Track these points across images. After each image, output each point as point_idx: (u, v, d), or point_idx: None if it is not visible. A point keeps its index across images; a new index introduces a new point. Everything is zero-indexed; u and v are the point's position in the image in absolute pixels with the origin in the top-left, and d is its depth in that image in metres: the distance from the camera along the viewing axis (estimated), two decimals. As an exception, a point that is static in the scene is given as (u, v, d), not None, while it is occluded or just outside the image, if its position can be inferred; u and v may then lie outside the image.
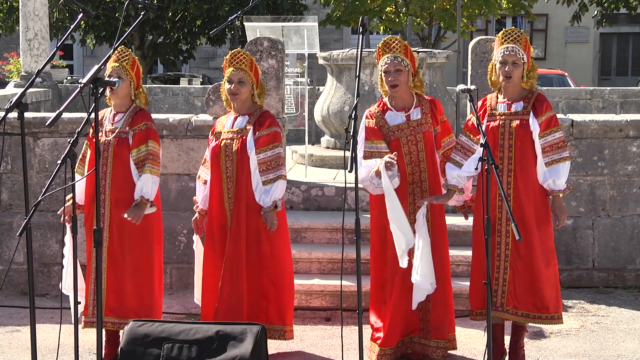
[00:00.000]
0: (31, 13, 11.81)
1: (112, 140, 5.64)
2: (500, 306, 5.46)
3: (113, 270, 5.67)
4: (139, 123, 5.66)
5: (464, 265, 6.95)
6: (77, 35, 22.73)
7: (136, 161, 5.62)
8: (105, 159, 5.63)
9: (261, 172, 5.65)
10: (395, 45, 5.52)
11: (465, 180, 5.52)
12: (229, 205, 5.73)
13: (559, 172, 5.39)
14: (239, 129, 5.71)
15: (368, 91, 9.24)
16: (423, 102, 5.60)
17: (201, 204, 5.84)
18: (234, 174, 5.69)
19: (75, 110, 7.36)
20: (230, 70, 5.67)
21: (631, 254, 7.59)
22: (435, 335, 5.60)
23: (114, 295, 5.68)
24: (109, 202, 5.66)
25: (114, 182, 5.64)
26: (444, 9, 19.03)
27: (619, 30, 31.09)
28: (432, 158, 5.59)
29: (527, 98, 5.45)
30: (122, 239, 5.67)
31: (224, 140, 5.72)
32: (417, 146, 5.56)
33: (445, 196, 5.52)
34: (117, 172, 5.64)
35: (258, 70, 5.75)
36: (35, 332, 4.60)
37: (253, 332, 5.20)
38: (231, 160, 5.69)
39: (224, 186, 5.72)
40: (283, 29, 9.44)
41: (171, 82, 21.70)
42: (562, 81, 19.38)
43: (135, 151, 5.63)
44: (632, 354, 5.95)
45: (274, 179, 5.65)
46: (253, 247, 5.73)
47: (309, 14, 18.80)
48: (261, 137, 5.66)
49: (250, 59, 5.69)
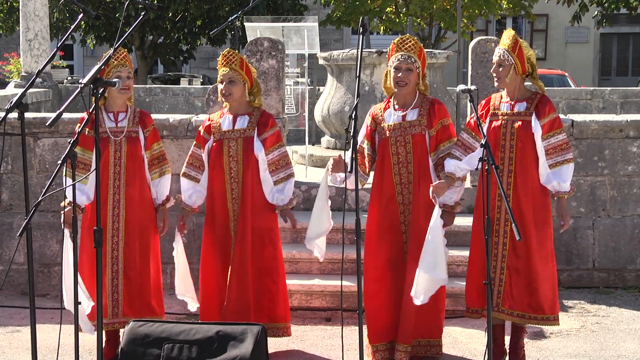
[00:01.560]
0: (31, 13, 11.82)
1: (124, 141, 5.64)
2: (496, 306, 5.46)
3: (131, 270, 5.67)
4: (149, 124, 5.74)
5: (463, 265, 6.94)
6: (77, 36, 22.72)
7: (150, 159, 5.72)
8: (117, 159, 5.63)
9: (271, 172, 5.74)
10: (411, 44, 5.54)
11: (463, 171, 5.49)
12: (232, 206, 5.74)
13: (564, 174, 5.39)
14: (241, 129, 5.72)
15: (368, 91, 9.24)
16: (424, 104, 5.59)
17: (190, 201, 5.88)
18: (239, 175, 5.71)
19: (75, 110, 7.35)
20: (221, 71, 5.71)
21: (631, 254, 7.59)
22: (400, 339, 5.59)
23: (136, 295, 5.69)
24: (124, 202, 5.66)
25: (128, 181, 5.66)
26: (444, 9, 19.04)
27: (619, 30, 31.09)
28: (421, 161, 5.55)
29: (530, 99, 5.46)
30: (138, 238, 5.70)
31: (225, 140, 5.72)
32: (406, 147, 5.55)
33: (444, 184, 5.44)
34: (131, 172, 5.65)
35: (250, 69, 5.76)
36: (35, 332, 4.60)
37: (253, 333, 5.20)
38: (235, 160, 5.71)
39: (227, 187, 5.74)
40: (283, 29, 9.45)
41: (171, 82, 21.71)
42: (562, 81, 19.40)
43: (149, 151, 5.72)
44: (633, 354, 5.95)
45: (285, 177, 5.75)
46: (258, 248, 5.75)
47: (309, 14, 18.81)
48: (267, 137, 5.73)
49: (240, 58, 5.72)
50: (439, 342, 5.71)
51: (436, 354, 5.69)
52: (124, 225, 5.67)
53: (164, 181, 5.78)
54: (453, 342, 6.14)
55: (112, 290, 5.66)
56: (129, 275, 5.68)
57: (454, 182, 5.48)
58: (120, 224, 5.66)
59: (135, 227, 5.68)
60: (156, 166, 5.74)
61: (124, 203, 5.66)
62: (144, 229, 5.71)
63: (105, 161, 5.57)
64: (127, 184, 5.65)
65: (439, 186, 5.41)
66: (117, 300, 5.67)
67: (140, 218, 5.69)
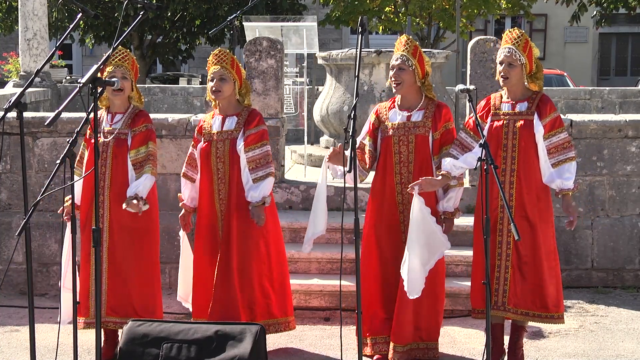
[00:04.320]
0: (30, 13, 11.81)
1: (111, 142, 5.64)
2: (502, 305, 5.47)
3: (114, 271, 5.68)
4: (139, 124, 5.68)
5: (463, 265, 6.95)
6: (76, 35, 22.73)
7: (134, 162, 5.65)
8: (104, 160, 5.63)
9: (250, 170, 5.71)
10: (405, 44, 5.56)
11: (459, 170, 5.48)
12: (219, 206, 5.77)
13: (567, 171, 5.39)
14: (228, 130, 5.74)
15: (367, 91, 9.24)
16: (429, 106, 5.59)
17: (188, 201, 5.88)
18: (226, 176, 5.74)
19: (74, 110, 7.36)
20: (212, 69, 5.72)
21: (630, 254, 7.59)
22: (394, 339, 5.60)
23: (116, 295, 5.68)
24: (108, 203, 5.66)
25: (112, 183, 5.65)
26: (443, 9, 19.03)
27: (618, 30, 31.08)
28: (423, 162, 5.55)
29: (531, 99, 5.46)
30: (123, 239, 5.68)
31: (214, 142, 5.74)
32: (408, 147, 5.56)
33: (437, 181, 5.46)
34: (116, 173, 5.65)
35: (240, 69, 5.78)
36: (34, 331, 4.60)
37: (252, 332, 5.20)
38: (222, 161, 5.74)
39: (215, 187, 5.76)
40: (282, 28, 9.44)
41: (170, 81, 21.68)
42: (561, 81, 19.40)
43: (134, 152, 5.65)
44: (631, 354, 5.96)
45: (263, 176, 5.71)
46: (245, 247, 5.76)
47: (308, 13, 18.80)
48: (250, 135, 5.72)
49: (231, 57, 5.73)
50: (436, 344, 5.71)
51: (433, 356, 5.70)
52: (108, 225, 5.66)
53: (143, 177, 5.59)
54: (452, 342, 6.14)
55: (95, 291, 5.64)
56: (113, 276, 5.67)
57: (449, 181, 5.47)
58: (105, 225, 5.66)
59: (120, 228, 5.66)
60: (138, 169, 5.63)
61: (108, 204, 5.65)
62: (132, 230, 5.67)
63: (92, 162, 5.54)
64: (112, 185, 5.65)
65: (430, 182, 5.41)
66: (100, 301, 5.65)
67: (125, 219, 5.64)
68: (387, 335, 5.67)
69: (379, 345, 5.68)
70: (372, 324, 5.68)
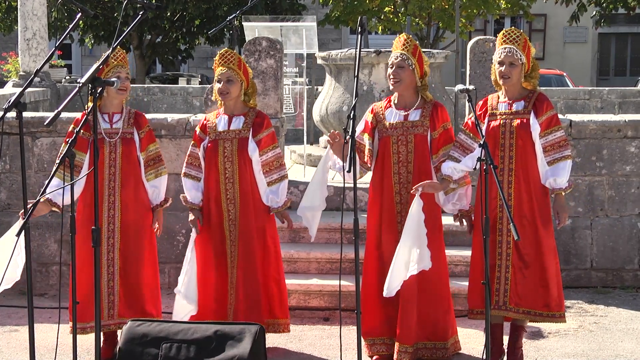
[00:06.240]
0: (30, 12, 11.81)
1: (118, 142, 5.64)
2: (503, 304, 5.46)
3: (127, 272, 5.68)
4: (144, 124, 5.73)
5: (462, 265, 6.95)
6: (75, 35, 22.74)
7: (146, 161, 5.71)
8: (112, 160, 5.63)
9: (265, 173, 5.76)
10: (405, 43, 5.55)
11: (460, 173, 5.49)
12: (227, 207, 5.76)
13: (560, 170, 5.39)
14: (236, 130, 5.73)
15: (367, 91, 9.23)
16: (426, 105, 5.59)
17: (196, 201, 5.86)
18: (235, 175, 5.73)
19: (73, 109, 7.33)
20: (219, 70, 5.71)
21: (629, 254, 7.59)
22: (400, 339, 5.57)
23: (129, 296, 5.69)
24: (119, 204, 5.66)
25: (123, 183, 5.65)
26: (442, 9, 19.04)
27: (617, 30, 31.10)
28: (422, 161, 5.55)
29: (527, 97, 5.46)
30: (135, 239, 5.70)
31: (220, 140, 5.73)
32: (407, 147, 5.55)
33: (439, 185, 5.48)
34: (127, 174, 5.65)
35: (248, 70, 5.78)
36: (33, 331, 4.60)
37: (251, 332, 5.20)
38: (230, 161, 5.72)
39: (222, 187, 5.75)
40: (282, 28, 9.44)
41: (170, 81, 21.68)
42: (560, 81, 19.40)
43: (145, 152, 5.71)
44: (630, 354, 5.96)
45: (278, 179, 5.78)
46: (255, 247, 5.78)
47: (307, 13, 18.82)
48: (262, 138, 5.74)
49: (238, 58, 5.72)
50: (445, 344, 5.65)
51: (442, 356, 5.66)
52: (120, 226, 5.67)
53: (160, 182, 5.77)
54: (451, 342, 6.14)
55: (108, 292, 5.66)
56: (125, 276, 5.68)
57: (449, 185, 5.48)
58: (116, 225, 5.66)
59: (130, 229, 5.68)
60: (152, 167, 5.74)
61: (119, 205, 5.66)
62: (140, 230, 5.71)
63: (100, 163, 5.54)
64: (122, 185, 5.65)
65: (432, 185, 5.43)
66: (113, 302, 5.67)
67: (136, 219, 5.69)
68: (386, 337, 5.67)
69: (377, 346, 5.68)
70: (370, 324, 5.68)
